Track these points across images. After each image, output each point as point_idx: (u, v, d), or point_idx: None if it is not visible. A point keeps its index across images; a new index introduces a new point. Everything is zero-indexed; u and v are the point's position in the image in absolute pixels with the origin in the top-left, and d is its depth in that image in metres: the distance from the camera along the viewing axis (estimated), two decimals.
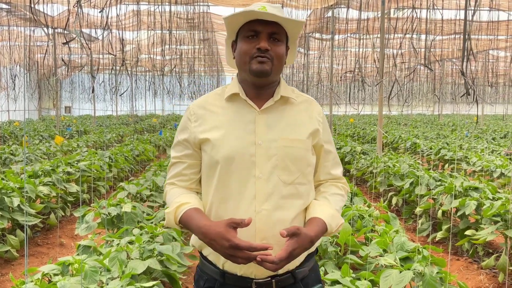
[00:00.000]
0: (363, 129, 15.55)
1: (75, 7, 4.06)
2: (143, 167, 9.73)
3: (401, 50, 9.02)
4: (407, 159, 7.69)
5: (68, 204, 6.09)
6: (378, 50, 8.39)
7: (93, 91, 5.22)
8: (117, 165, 7.83)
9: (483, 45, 15.26)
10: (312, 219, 1.62)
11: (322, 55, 13.51)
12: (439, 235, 5.03)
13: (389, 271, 2.85)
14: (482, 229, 4.37)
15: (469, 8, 3.87)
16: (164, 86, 17.56)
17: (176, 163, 1.75)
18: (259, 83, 1.66)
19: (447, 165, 9.29)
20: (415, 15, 6.76)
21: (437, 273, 2.85)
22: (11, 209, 4.64)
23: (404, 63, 13.27)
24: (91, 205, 4.31)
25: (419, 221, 5.58)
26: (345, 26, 10.96)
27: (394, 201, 6.40)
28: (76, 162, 7.17)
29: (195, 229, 1.56)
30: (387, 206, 5.18)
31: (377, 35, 8.80)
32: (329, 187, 1.78)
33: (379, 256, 3.25)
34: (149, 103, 29.62)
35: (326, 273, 3.07)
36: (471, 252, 4.71)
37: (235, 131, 1.63)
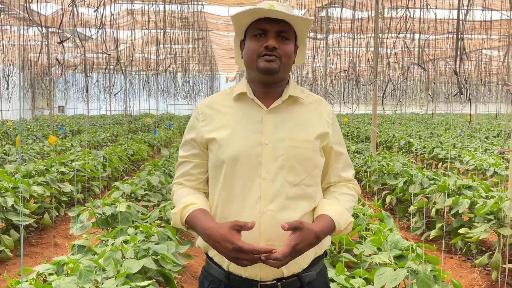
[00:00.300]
0: (357, 128, 15.59)
1: (70, 6, 4.05)
2: (137, 167, 9.71)
3: (395, 49, 9.06)
4: (401, 158, 7.72)
5: (62, 204, 6.07)
6: (372, 49, 8.42)
7: (87, 91, 5.20)
8: (111, 164, 7.81)
9: (476, 45, 15.34)
10: (319, 216, 1.59)
11: (316, 54, 13.52)
12: (433, 233, 5.06)
13: (383, 269, 2.87)
14: (475, 228, 4.40)
15: (462, 7, 3.90)
16: (158, 85, 17.51)
17: (183, 163, 1.74)
18: (267, 81, 1.64)
19: (440, 164, 9.34)
20: (408, 14, 6.79)
21: (431, 271, 2.87)
22: (5, 209, 4.62)
23: (397, 62, 13.31)
24: (86, 204, 4.31)
25: (413, 220, 5.61)
26: (339, 25, 11.00)
27: (388, 199, 6.43)
28: (70, 161, 7.14)
29: (200, 231, 1.55)
30: (381, 204, 5.20)
31: (371, 35, 8.83)
32: (339, 187, 1.74)
33: (374, 254, 3.26)
34: (143, 102, 29.54)
35: None
36: (464, 250, 4.74)
37: (242, 131, 1.61)
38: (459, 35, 3.45)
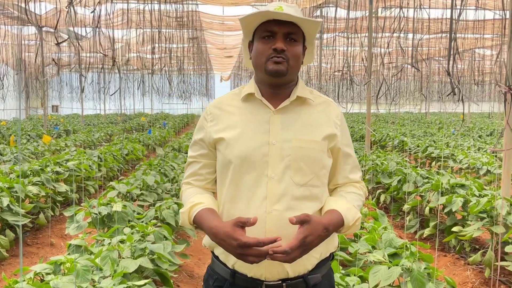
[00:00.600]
0: (351, 127, 15.64)
1: (67, 8, 4.04)
2: (132, 167, 9.70)
3: (389, 49, 9.10)
4: (395, 157, 7.77)
5: (57, 203, 6.07)
6: (366, 49, 8.46)
7: (82, 91, 5.20)
8: (106, 164, 7.81)
9: (469, 44, 15.42)
10: (327, 211, 1.59)
11: None
12: (427, 231, 5.10)
13: (378, 267, 2.89)
14: (468, 226, 4.44)
15: (455, 7, 3.93)
16: (153, 85, 17.47)
17: (192, 163, 1.76)
18: (275, 83, 1.65)
19: (434, 163, 9.40)
20: (402, 14, 6.83)
21: (425, 268, 2.90)
22: (0, 209, 4.62)
23: (391, 63, 13.37)
24: (82, 204, 4.31)
25: (407, 218, 5.65)
26: (333, 25, 11.02)
27: (382, 198, 6.47)
28: (65, 161, 7.13)
29: (207, 230, 1.56)
30: (375, 203, 5.23)
31: (365, 34, 8.87)
32: (347, 186, 1.75)
33: (368, 252, 3.29)
34: (137, 101, 29.45)
35: None
36: (458, 248, 4.78)
37: (250, 131, 1.62)
38: (452, 36, 3.49)
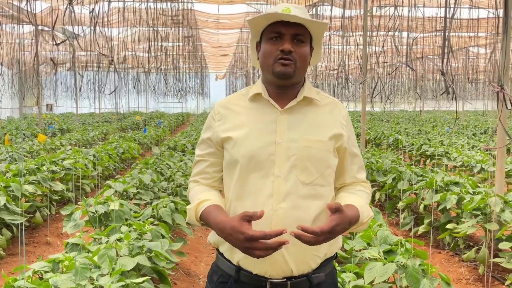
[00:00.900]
0: None
1: (67, 8, 4.04)
2: (128, 165, 9.70)
3: (384, 48, 9.14)
4: (390, 155, 7.81)
5: (53, 202, 6.07)
6: (361, 47, 8.50)
7: (79, 90, 5.21)
8: (102, 163, 7.81)
9: (463, 42, 15.48)
10: (346, 205, 1.59)
11: None
12: (421, 229, 5.14)
13: (373, 263, 2.93)
14: (462, 223, 4.48)
15: (449, 6, 3.96)
16: (149, 83, 17.45)
17: (199, 161, 1.78)
18: (282, 84, 1.67)
19: (428, 161, 9.45)
20: (397, 13, 6.86)
21: (420, 265, 2.94)
22: None
23: (386, 63, 13.41)
24: (79, 203, 4.32)
25: (402, 216, 5.69)
26: (328, 23, 11.03)
27: (377, 196, 6.52)
28: (60, 160, 7.13)
29: (213, 225, 1.58)
30: (370, 201, 5.27)
31: (360, 33, 8.91)
32: (355, 185, 1.77)
33: (364, 249, 3.32)
34: (132, 100, 29.38)
35: None
36: (452, 245, 4.83)
37: (257, 131, 1.64)
38: (446, 34, 3.52)
